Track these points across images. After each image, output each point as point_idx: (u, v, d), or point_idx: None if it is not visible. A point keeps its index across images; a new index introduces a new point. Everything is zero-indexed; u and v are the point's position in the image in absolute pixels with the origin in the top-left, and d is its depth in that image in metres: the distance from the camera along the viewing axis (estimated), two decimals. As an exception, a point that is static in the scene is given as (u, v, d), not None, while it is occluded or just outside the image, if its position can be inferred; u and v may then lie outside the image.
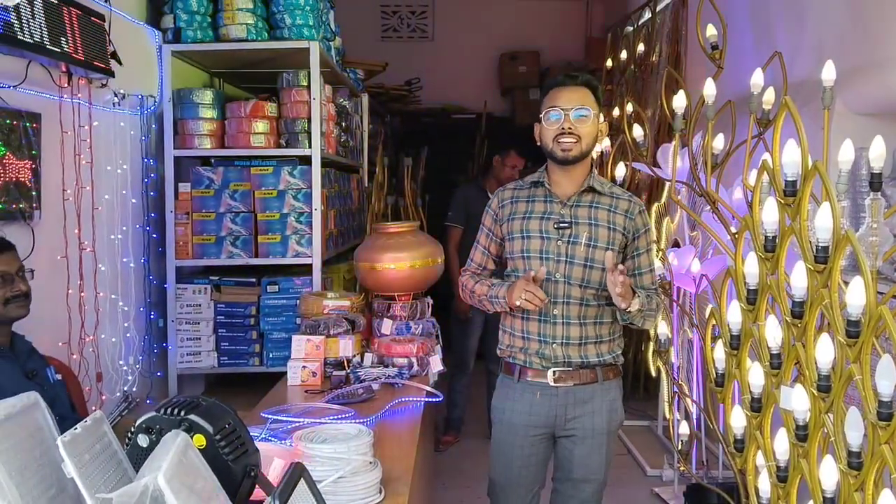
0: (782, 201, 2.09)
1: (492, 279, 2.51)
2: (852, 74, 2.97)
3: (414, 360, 3.06)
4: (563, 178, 2.39)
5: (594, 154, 2.57)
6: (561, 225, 2.35)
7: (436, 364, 3.13)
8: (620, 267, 2.20)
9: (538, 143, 2.42)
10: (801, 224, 2.03)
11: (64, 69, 2.90)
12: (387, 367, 3.03)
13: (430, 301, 3.42)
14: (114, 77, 3.16)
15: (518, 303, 2.26)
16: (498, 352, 2.51)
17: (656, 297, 2.43)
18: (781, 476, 2.15)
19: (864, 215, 1.89)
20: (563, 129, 2.31)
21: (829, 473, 1.88)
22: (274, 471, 1.75)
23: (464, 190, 4.85)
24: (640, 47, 5.37)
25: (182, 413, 1.46)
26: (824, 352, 1.87)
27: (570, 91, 2.35)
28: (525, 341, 2.40)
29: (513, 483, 2.47)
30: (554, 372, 2.36)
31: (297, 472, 1.39)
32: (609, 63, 5.91)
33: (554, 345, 2.36)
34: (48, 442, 1.33)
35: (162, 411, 1.47)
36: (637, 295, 2.27)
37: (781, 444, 2.11)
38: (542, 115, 2.37)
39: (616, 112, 5.10)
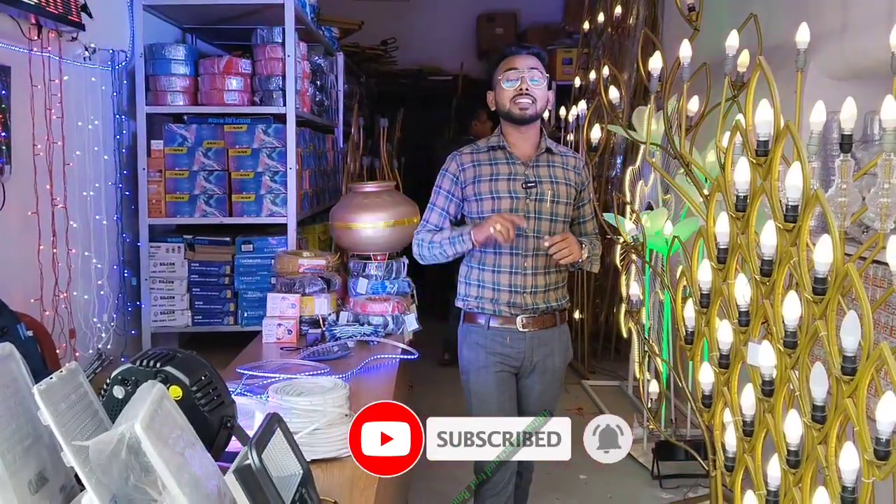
0: (754, 161, 2.12)
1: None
2: (828, 38, 2.99)
3: (389, 318, 3.08)
4: (520, 139, 2.61)
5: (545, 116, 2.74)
6: (528, 184, 2.56)
7: (411, 323, 3.15)
8: (552, 246, 2.44)
9: (493, 109, 2.63)
10: (772, 184, 2.06)
11: (33, 21, 2.84)
12: (362, 325, 3.04)
13: (406, 260, 3.42)
14: (84, 30, 3.10)
15: (491, 230, 2.39)
16: (461, 304, 2.66)
17: (597, 241, 2.73)
18: (747, 430, 2.20)
19: (835, 177, 1.92)
20: (520, 90, 2.52)
21: (793, 427, 1.93)
22: (255, 423, 1.76)
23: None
24: (618, 9, 5.35)
25: (158, 365, 1.47)
26: (791, 309, 1.91)
27: (523, 58, 2.56)
28: (495, 292, 2.59)
29: None
30: (522, 318, 2.58)
31: (273, 422, 1.41)
32: (586, 25, 5.88)
33: (525, 293, 2.58)
34: (23, 392, 1.33)
35: (138, 363, 1.48)
36: (584, 245, 2.54)
37: (748, 399, 2.16)
38: (499, 79, 2.55)
39: (592, 75, 5.08)
